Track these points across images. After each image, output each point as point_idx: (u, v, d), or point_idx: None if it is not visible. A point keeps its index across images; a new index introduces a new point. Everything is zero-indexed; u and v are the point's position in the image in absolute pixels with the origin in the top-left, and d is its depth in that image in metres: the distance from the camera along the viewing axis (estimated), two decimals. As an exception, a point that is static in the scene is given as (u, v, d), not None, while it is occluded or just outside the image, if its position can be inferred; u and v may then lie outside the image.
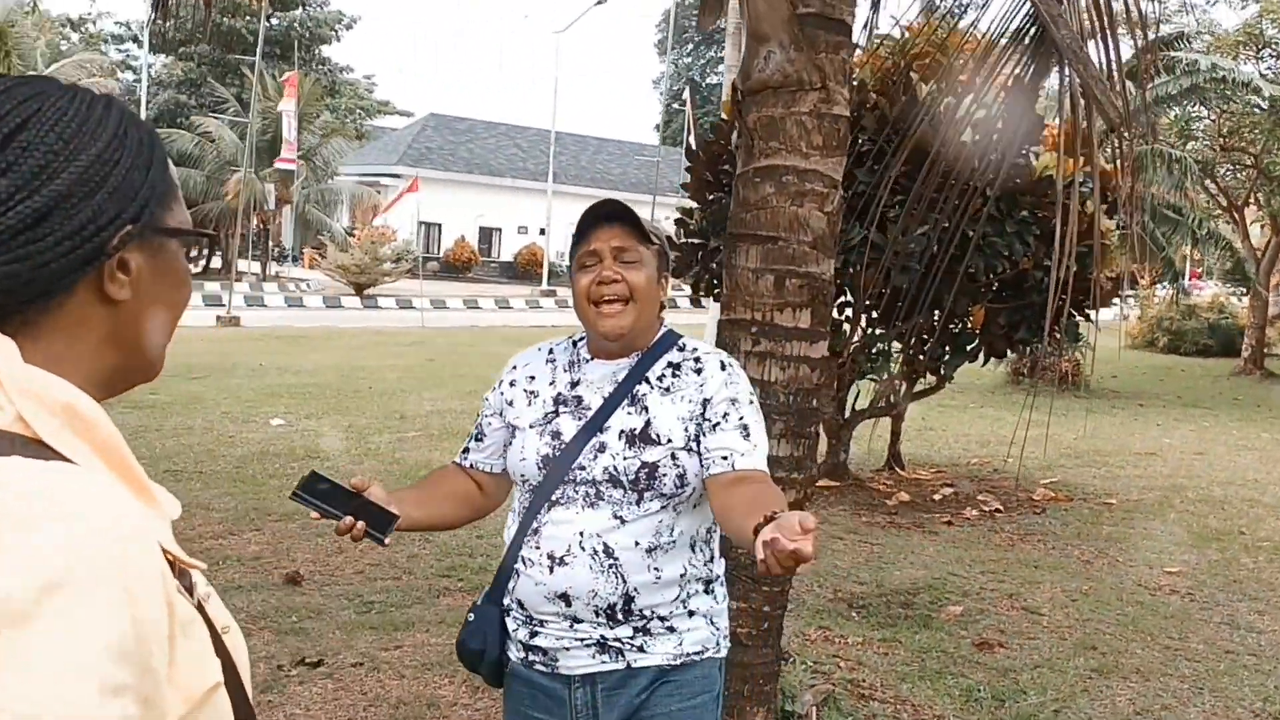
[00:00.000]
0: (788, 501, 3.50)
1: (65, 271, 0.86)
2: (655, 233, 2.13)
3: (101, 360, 0.91)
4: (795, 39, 3.38)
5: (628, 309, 2.04)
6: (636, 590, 2.00)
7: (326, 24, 41.33)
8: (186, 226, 0.97)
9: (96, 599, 0.74)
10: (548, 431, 2.07)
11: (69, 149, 0.86)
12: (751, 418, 2.04)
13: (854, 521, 6.87)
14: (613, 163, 48.86)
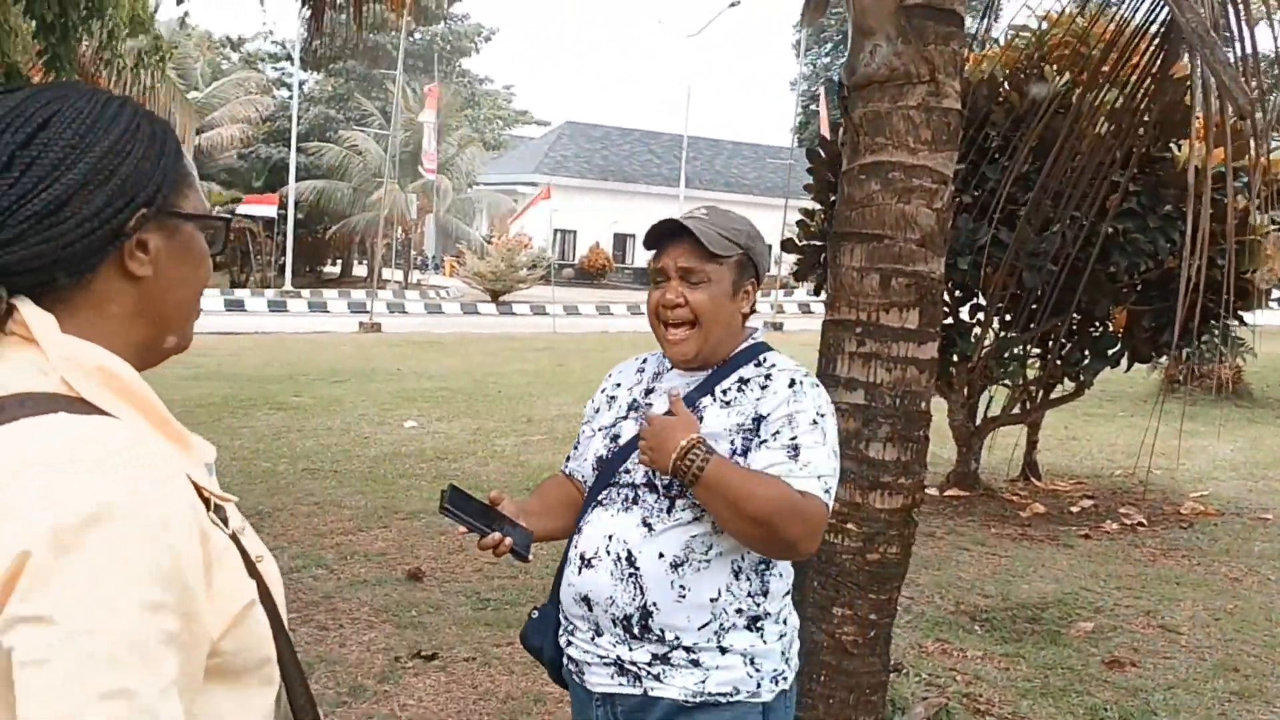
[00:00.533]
0: (894, 507, 3.43)
1: (89, 251, 0.97)
2: (734, 240, 2.02)
3: (132, 332, 1.02)
4: (902, 31, 3.29)
5: (693, 333, 1.99)
6: (655, 606, 1.90)
7: (466, 37, 42.41)
8: (201, 211, 1.07)
9: (135, 528, 0.86)
10: (610, 434, 2.06)
11: (84, 142, 0.97)
12: (807, 438, 1.89)
13: (983, 533, 6.63)
14: (747, 167, 48.64)
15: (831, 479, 1.92)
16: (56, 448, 0.88)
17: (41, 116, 0.97)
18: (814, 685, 3.53)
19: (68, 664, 0.82)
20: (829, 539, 3.47)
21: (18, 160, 0.95)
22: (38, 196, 0.94)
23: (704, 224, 2.01)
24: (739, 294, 2.04)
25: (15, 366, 0.95)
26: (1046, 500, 7.58)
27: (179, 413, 1.04)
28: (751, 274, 2.07)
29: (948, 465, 7.98)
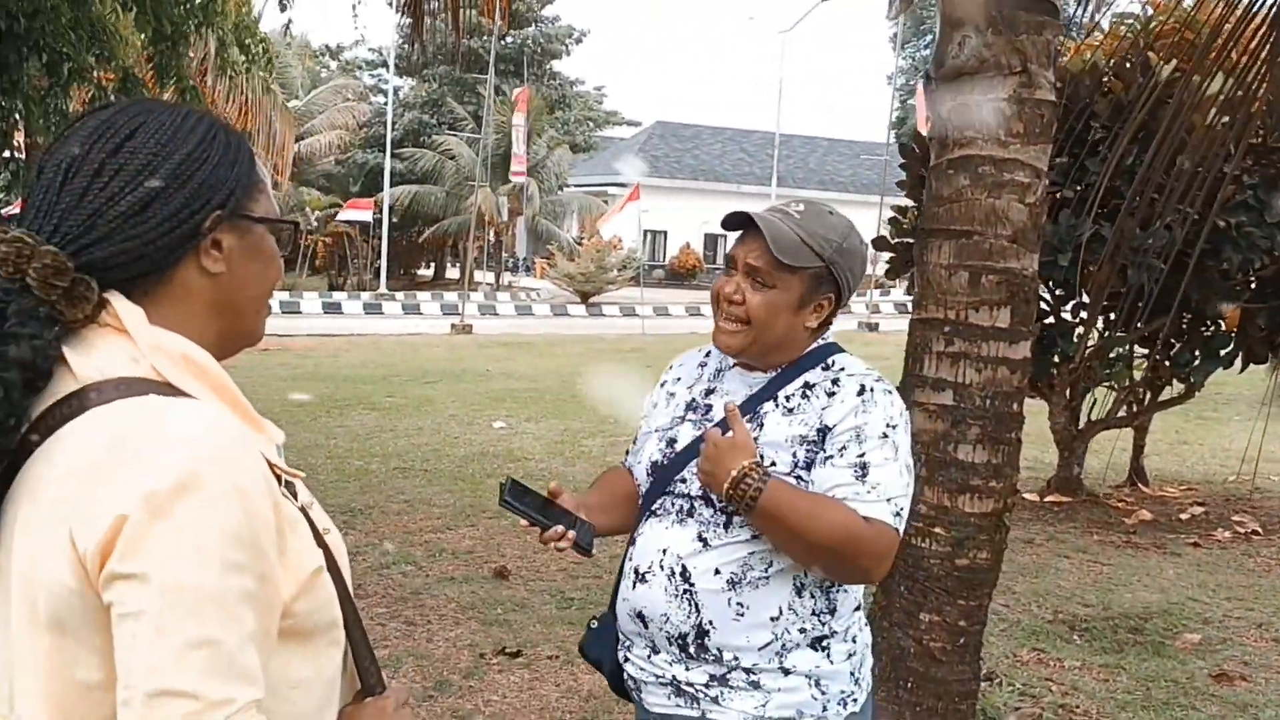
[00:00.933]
0: (984, 510, 3.32)
1: (169, 248, 1.08)
2: (817, 249, 1.84)
3: (209, 325, 1.12)
4: (992, 21, 3.19)
5: (742, 331, 1.86)
6: (712, 624, 1.80)
7: (557, 39, 42.69)
8: (271, 215, 1.18)
9: (217, 497, 0.96)
10: (666, 438, 1.95)
11: (165, 150, 1.08)
12: (876, 455, 1.76)
13: (1085, 540, 6.41)
14: (842, 164, 48.06)
15: (903, 499, 1.78)
16: (149, 426, 0.99)
17: (129, 128, 1.08)
18: (900, 692, 3.44)
19: (160, 616, 0.93)
20: (916, 543, 3.38)
21: (107, 167, 1.06)
22: (124, 199, 1.06)
23: (787, 224, 1.84)
24: (808, 308, 1.87)
25: (110, 354, 1.05)
26: (1154, 507, 7.29)
27: (279, 412, 1.10)
28: (830, 289, 1.88)
29: (1049, 470, 7.75)
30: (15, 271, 1.02)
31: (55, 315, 1.03)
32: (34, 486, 1.01)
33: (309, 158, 34.16)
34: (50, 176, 1.07)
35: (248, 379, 1.06)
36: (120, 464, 0.96)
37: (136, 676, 0.93)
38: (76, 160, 1.07)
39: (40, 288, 1.02)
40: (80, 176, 1.06)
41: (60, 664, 0.98)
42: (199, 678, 0.93)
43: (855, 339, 23.02)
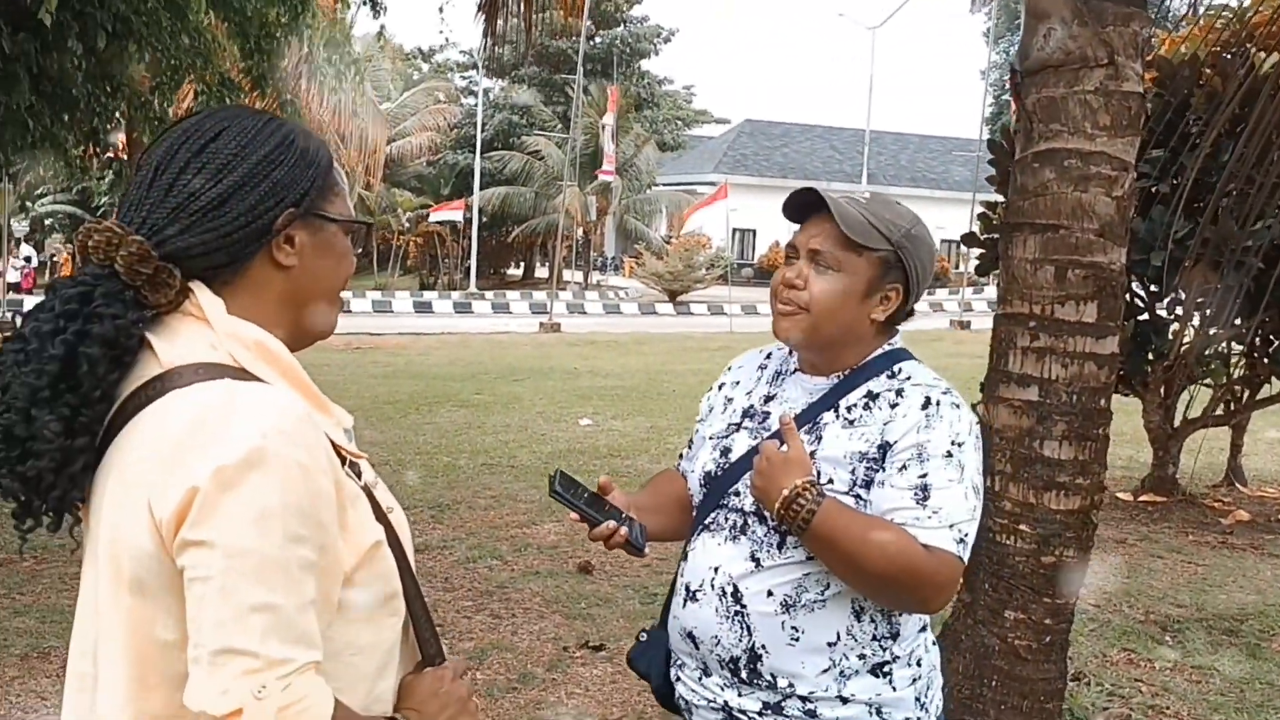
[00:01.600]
0: (1070, 508, 3.28)
1: (244, 241, 1.17)
2: (885, 233, 1.73)
3: (281, 316, 1.21)
4: (1078, 13, 3.16)
5: (801, 318, 1.73)
6: (764, 648, 1.69)
7: (645, 38, 42.77)
8: (344, 216, 1.26)
9: (280, 472, 1.04)
10: (720, 446, 1.83)
11: (244, 152, 1.17)
12: (939, 476, 1.63)
13: (1179, 540, 6.25)
14: (934, 160, 47.33)
15: (968, 524, 1.64)
16: (223, 407, 1.07)
17: (214, 131, 1.18)
18: (985, 690, 3.43)
19: (225, 580, 1.01)
20: (1001, 540, 3.36)
21: (191, 165, 1.16)
22: (205, 194, 1.15)
23: (854, 207, 1.73)
24: (874, 296, 1.74)
25: (191, 341, 1.14)
26: (1251, 507, 7.07)
27: (370, 408, 1.20)
28: (898, 278, 1.76)
29: (1143, 469, 7.56)
30: (105, 258, 1.12)
31: (140, 300, 1.12)
32: (121, 461, 1.10)
33: (401, 159, 34.85)
34: (142, 174, 1.17)
35: (340, 376, 1.15)
36: (195, 441, 1.05)
37: (204, 635, 1.01)
38: (165, 159, 1.17)
39: (126, 273, 1.11)
40: (167, 174, 1.15)
41: (140, 623, 1.08)
42: (260, 638, 1.01)
43: (947, 337, 22.66)
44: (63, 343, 1.08)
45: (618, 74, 38.95)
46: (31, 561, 5.10)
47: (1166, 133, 5.89)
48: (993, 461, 3.39)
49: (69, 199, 31.77)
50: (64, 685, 1.22)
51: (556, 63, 38.85)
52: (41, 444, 1.08)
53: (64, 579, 4.86)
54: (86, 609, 1.16)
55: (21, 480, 1.10)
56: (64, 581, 4.83)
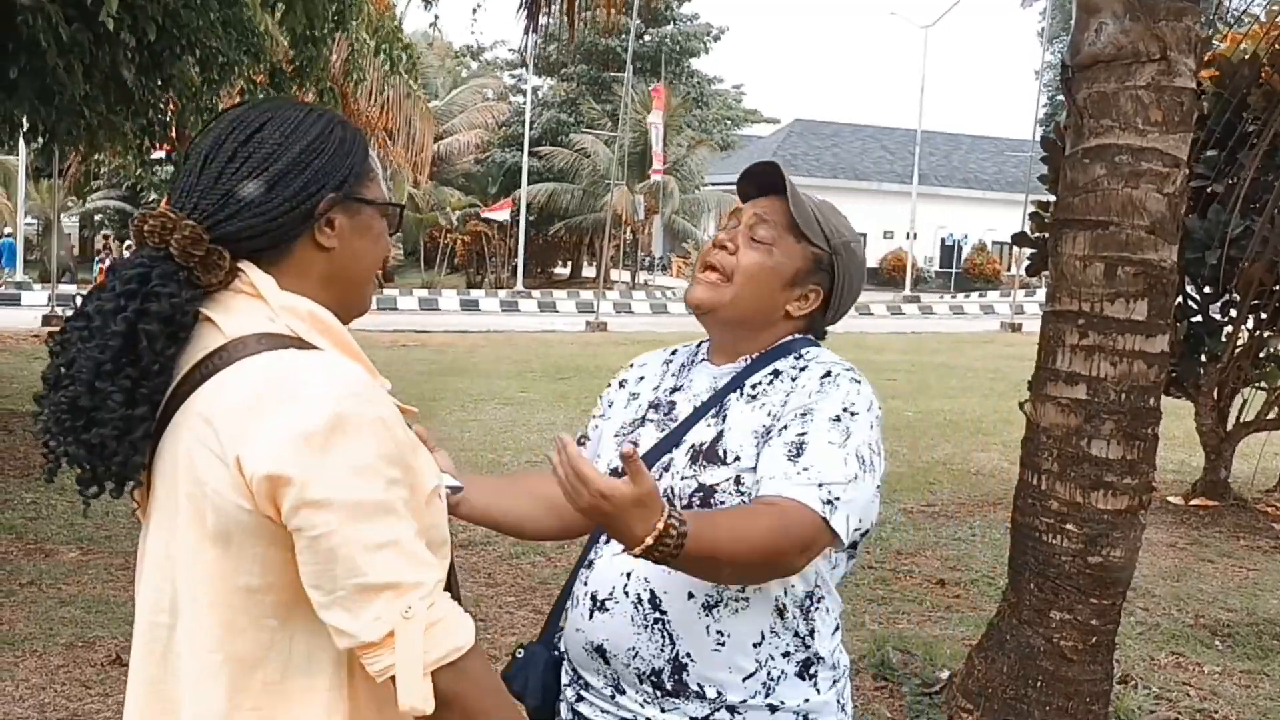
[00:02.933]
0: (1118, 508, 3.25)
1: (289, 225, 1.24)
2: (827, 233, 1.69)
3: (323, 294, 1.27)
4: (1130, 7, 3.14)
5: (723, 286, 1.66)
6: (690, 656, 1.57)
7: (695, 36, 42.64)
8: (380, 199, 1.33)
9: (364, 428, 1.14)
10: (626, 442, 1.70)
11: (288, 141, 1.25)
12: (820, 436, 1.53)
13: (1230, 545, 6.15)
14: (986, 161, 46.83)
15: (843, 489, 1.49)
16: (295, 374, 1.16)
17: (258, 123, 1.26)
18: (1030, 691, 3.40)
19: (347, 530, 1.11)
20: (1047, 540, 3.34)
21: (239, 154, 1.24)
22: (252, 181, 1.23)
23: (808, 201, 1.70)
24: (796, 288, 1.69)
25: (249, 314, 1.22)
26: (1307, 513, 6.94)
27: (415, 404, 1.31)
28: (823, 280, 1.70)
29: (1194, 473, 7.44)
30: (160, 241, 1.20)
31: (194, 280, 1.20)
32: (195, 424, 1.17)
33: (448, 157, 35.08)
34: (192, 163, 1.26)
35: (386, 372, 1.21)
36: (276, 406, 1.13)
37: (339, 581, 1.12)
38: (213, 148, 1.25)
39: (180, 255, 1.19)
40: (215, 162, 1.23)
41: (226, 573, 1.16)
42: (393, 570, 1.12)
43: (998, 339, 22.43)
44: (124, 320, 1.17)
45: (667, 72, 38.92)
46: (78, 552, 5.21)
47: (1225, 132, 5.80)
48: (1039, 460, 3.38)
49: (119, 194, 32.34)
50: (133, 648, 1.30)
51: (605, 60, 38.90)
52: (105, 414, 1.16)
53: (109, 570, 4.96)
54: (157, 565, 1.23)
55: (87, 448, 1.17)
56: (109, 573, 4.92)
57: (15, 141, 8.83)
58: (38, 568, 4.93)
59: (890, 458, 8.26)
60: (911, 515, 6.70)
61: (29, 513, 5.84)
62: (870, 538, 5.99)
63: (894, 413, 11.15)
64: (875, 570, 5.42)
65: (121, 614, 4.36)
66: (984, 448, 9.23)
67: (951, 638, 4.45)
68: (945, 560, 5.69)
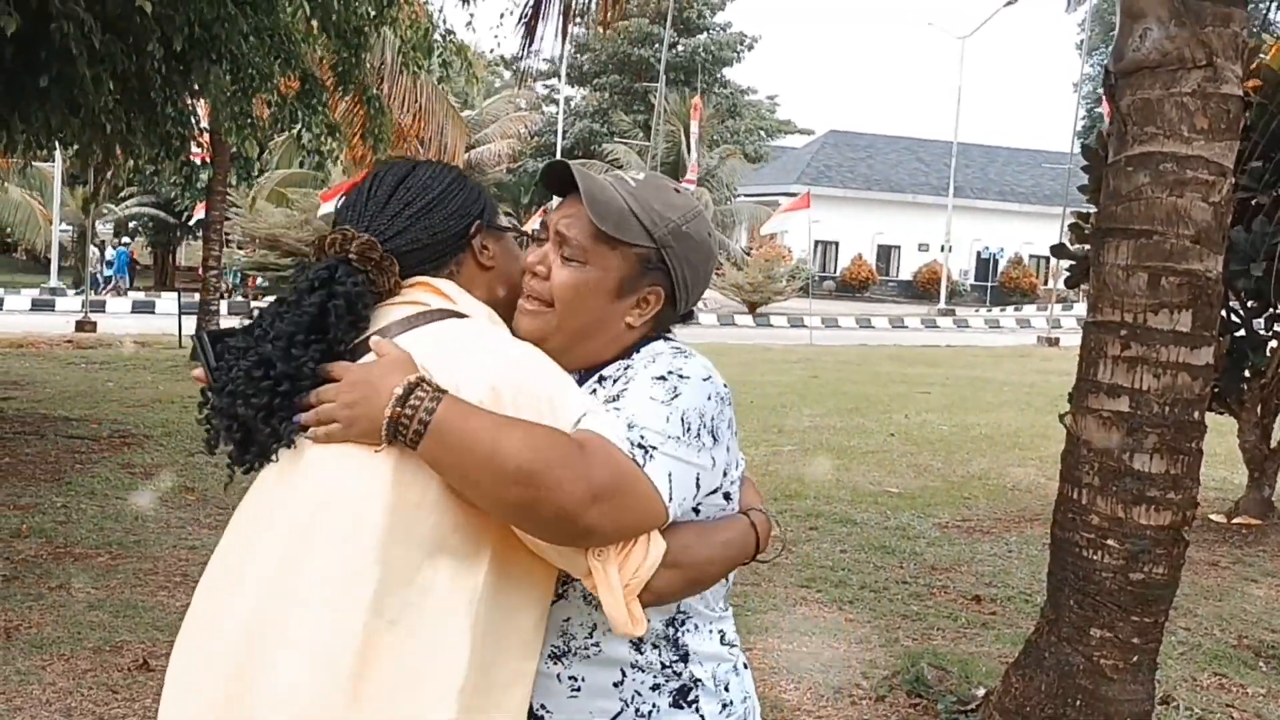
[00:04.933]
0: (1161, 523, 3.16)
1: (449, 241, 1.49)
2: (646, 224, 1.47)
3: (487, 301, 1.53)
4: (1176, 13, 3.07)
5: (545, 313, 1.48)
6: (545, 708, 1.45)
7: (729, 46, 42.63)
8: (511, 227, 1.59)
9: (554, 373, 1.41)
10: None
11: (436, 180, 1.52)
12: (640, 391, 1.37)
13: (1275, 564, 6.02)
14: (1023, 174, 46.50)
15: (659, 439, 1.32)
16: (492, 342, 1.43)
17: (407, 169, 1.53)
18: (1068, 710, 3.33)
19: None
20: (1088, 555, 3.26)
21: (400, 188, 1.50)
22: (416, 203, 1.48)
23: (619, 189, 1.48)
24: (628, 299, 1.48)
25: (428, 301, 1.45)
26: (1356, 533, 6.77)
27: None
28: (659, 279, 1.49)
29: (1237, 491, 7.29)
30: (341, 251, 1.43)
31: (369, 281, 1.42)
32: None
33: (480, 165, 35.22)
34: (358, 197, 1.50)
35: None
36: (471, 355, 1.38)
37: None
38: (374, 184, 1.50)
39: (359, 260, 1.42)
40: (379, 192, 1.49)
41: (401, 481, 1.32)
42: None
43: (1034, 354, 22.20)
44: (318, 296, 1.38)
45: (700, 82, 38.95)
46: (107, 557, 5.21)
47: (1270, 143, 5.70)
48: (1080, 474, 3.30)
49: (153, 201, 32.68)
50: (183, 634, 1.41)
51: (638, 70, 38.99)
52: (301, 377, 1.35)
53: (138, 575, 4.95)
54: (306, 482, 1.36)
55: (258, 408, 1.35)
56: (138, 577, 4.91)
57: (51, 148, 8.87)
58: (66, 571, 4.94)
59: (924, 472, 8.22)
60: (946, 530, 6.61)
61: (59, 516, 5.86)
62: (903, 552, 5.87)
63: (929, 427, 11.07)
64: (909, 585, 5.34)
65: (149, 619, 4.37)
66: (1020, 463, 9.10)
67: (987, 654, 4.37)
68: (980, 576, 5.60)
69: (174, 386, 11.25)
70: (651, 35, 37.73)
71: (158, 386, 11.32)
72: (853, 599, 5.09)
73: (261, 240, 24.86)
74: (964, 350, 22.48)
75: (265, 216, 24.77)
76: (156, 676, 3.81)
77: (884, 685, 4.02)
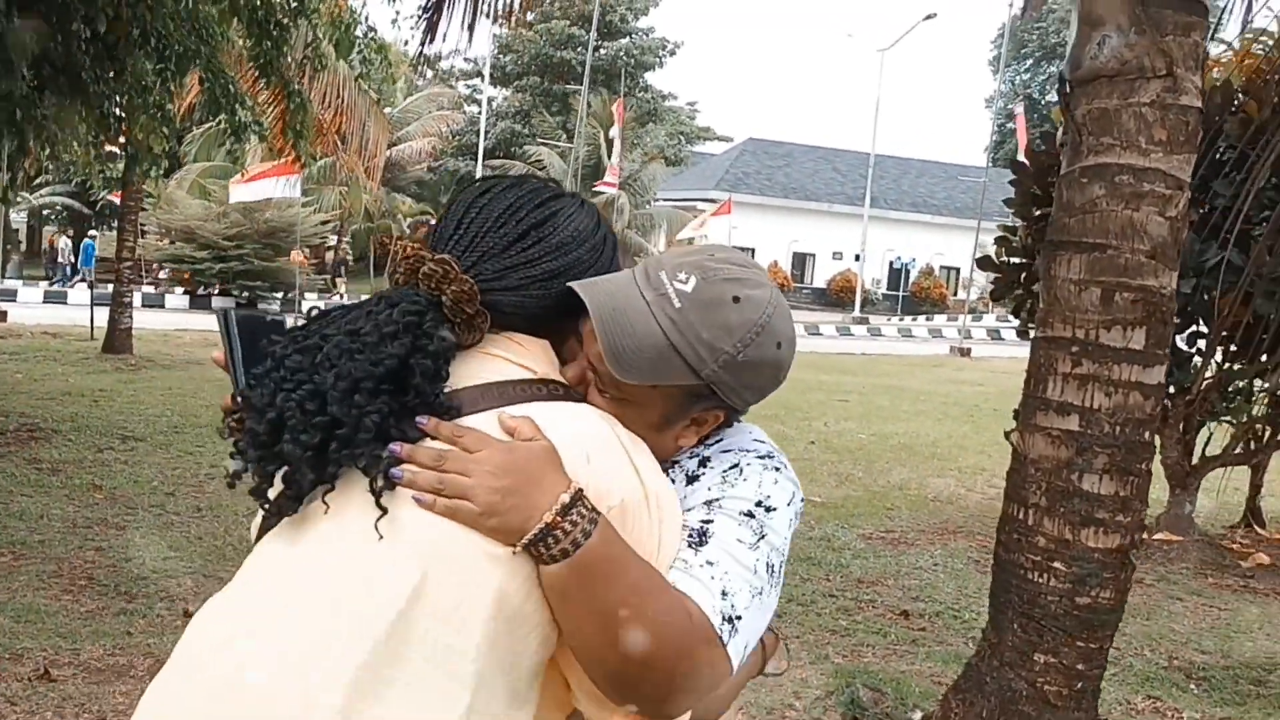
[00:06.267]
0: (1109, 546, 3.07)
1: (555, 315, 1.22)
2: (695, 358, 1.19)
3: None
4: (1136, 20, 2.98)
5: None
6: None
7: (651, 51, 42.57)
8: None
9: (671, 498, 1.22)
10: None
11: (581, 234, 1.25)
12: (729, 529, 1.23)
13: (1198, 582, 6.05)
14: (936, 186, 47.29)
15: (745, 609, 1.16)
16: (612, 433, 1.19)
17: (551, 209, 1.25)
18: (1010, 738, 3.21)
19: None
20: (1034, 578, 3.15)
21: (531, 234, 1.22)
22: (541, 264, 1.21)
23: (647, 319, 1.18)
24: (676, 426, 1.27)
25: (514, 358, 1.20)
26: (1272, 550, 6.86)
27: None
28: (714, 405, 1.26)
29: (1158, 506, 7.35)
30: (435, 289, 1.17)
31: (455, 333, 1.17)
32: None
33: (401, 164, 34.65)
34: (476, 220, 1.22)
35: None
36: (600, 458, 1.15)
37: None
38: (505, 216, 1.22)
39: (451, 309, 1.16)
40: (507, 230, 1.20)
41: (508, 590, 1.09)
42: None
43: (947, 364, 22.48)
44: (401, 346, 1.12)
45: (623, 86, 38.80)
46: (10, 557, 4.89)
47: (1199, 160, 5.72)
48: (1027, 493, 3.19)
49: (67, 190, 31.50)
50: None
51: (559, 72, 38.66)
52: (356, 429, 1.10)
53: (41, 577, 4.65)
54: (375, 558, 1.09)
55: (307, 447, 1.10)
56: (41, 580, 4.62)
57: None
58: (-42, 574, 4.59)
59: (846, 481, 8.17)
60: (871, 541, 6.53)
61: (-50, 516, 5.47)
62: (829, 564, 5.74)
63: (848, 435, 11.04)
64: (836, 599, 5.23)
65: (52, 624, 4.09)
66: (940, 473, 9.11)
67: (920, 673, 4.26)
68: (908, 590, 5.51)
69: (85, 380, 10.84)
70: (574, 38, 37.40)
71: (68, 379, 10.84)
72: (781, 612, 4.93)
73: (177, 232, 24.08)
74: (879, 359, 22.67)
75: (183, 208, 23.99)
76: (59, 687, 3.58)
77: (818, 706, 3.88)
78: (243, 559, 1.19)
